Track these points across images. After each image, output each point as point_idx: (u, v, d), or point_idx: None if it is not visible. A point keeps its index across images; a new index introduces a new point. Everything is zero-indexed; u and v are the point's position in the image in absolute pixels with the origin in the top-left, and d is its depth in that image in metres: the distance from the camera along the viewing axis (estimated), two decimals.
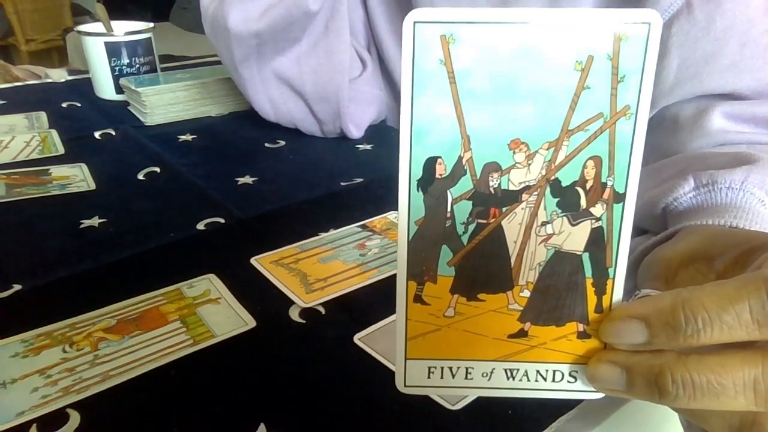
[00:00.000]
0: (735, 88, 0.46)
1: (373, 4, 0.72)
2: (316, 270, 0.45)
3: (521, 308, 0.23)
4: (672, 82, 0.48)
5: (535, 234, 0.23)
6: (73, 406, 0.32)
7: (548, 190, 0.22)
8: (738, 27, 0.45)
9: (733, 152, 0.40)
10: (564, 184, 0.22)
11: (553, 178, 0.22)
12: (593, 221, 0.22)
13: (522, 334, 0.24)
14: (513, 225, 0.23)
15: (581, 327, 0.24)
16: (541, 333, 0.24)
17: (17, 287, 0.42)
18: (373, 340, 0.37)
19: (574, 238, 0.23)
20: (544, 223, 0.23)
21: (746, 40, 0.45)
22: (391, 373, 0.25)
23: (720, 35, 0.45)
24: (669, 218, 0.38)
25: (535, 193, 0.22)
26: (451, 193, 0.22)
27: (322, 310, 0.41)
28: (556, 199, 0.22)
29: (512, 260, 0.23)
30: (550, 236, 0.23)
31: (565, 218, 0.22)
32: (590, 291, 0.23)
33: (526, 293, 0.23)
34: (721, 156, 0.41)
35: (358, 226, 0.52)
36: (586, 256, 0.23)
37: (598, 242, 0.23)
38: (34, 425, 0.31)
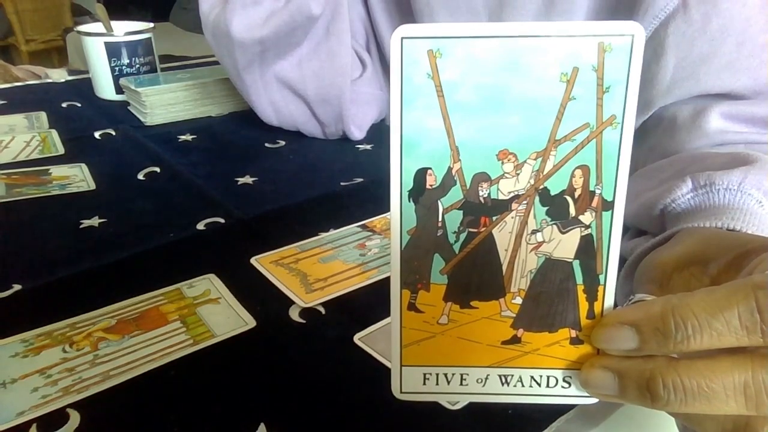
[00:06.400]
0: (732, 87, 0.45)
1: (373, 1, 0.72)
2: (316, 270, 0.45)
3: (514, 315, 0.24)
4: (669, 82, 0.47)
5: (526, 242, 0.23)
6: (73, 406, 0.32)
7: (537, 199, 0.22)
8: (734, 26, 0.44)
9: (731, 152, 0.40)
10: (553, 192, 0.22)
11: (541, 187, 0.22)
12: (583, 229, 0.23)
13: (515, 340, 0.24)
14: (503, 233, 0.23)
15: (573, 333, 0.24)
16: (534, 339, 0.24)
17: (17, 287, 0.42)
18: (373, 340, 0.38)
19: (565, 245, 0.23)
20: (534, 232, 0.23)
21: (743, 39, 0.44)
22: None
23: (716, 35, 0.44)
24: (667, 220, 0.38)
25: (525, 202, 0.22)
26: (442, 203, 0.23)
27: (322, 310, 0.41)
28: (546, 208, 0.23)
29: (504, 268, 0.23)
30: (540, 244, 0.23)
31: (554, 226, 0.23)
32: (581, 297, 0.23)
33: (518, 300, 0.24)
34: (719, 156, 0.40)
35: (358, 226, 0.52)
36: (576, 263, 0.23)
37: (588, 249, 0.23)
38: (34, 425, 0.31)
